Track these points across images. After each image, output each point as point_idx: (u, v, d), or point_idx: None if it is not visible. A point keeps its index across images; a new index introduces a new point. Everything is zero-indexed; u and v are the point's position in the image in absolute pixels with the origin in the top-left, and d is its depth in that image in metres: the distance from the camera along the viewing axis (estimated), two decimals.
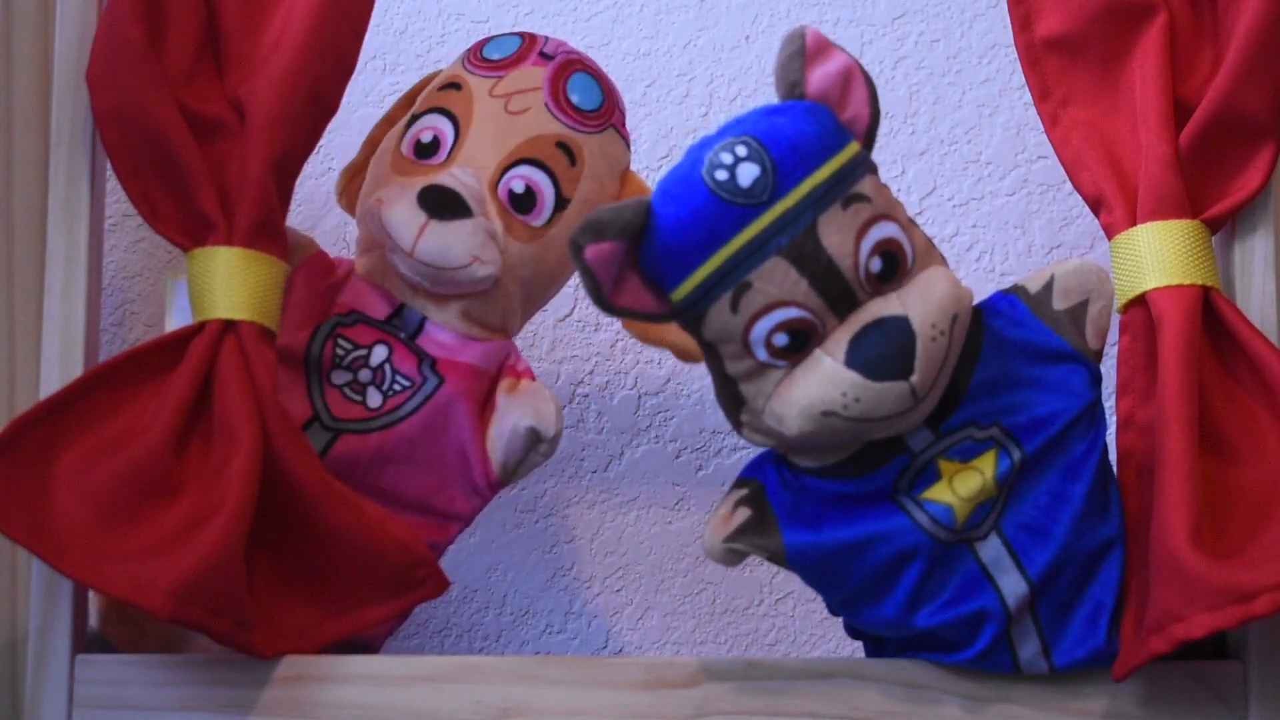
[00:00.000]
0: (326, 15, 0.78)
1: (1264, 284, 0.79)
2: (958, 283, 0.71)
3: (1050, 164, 0.99)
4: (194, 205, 0.76)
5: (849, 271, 0.69)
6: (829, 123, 0.71)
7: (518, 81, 0.82)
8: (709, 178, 0.69)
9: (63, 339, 0.77)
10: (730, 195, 0.69)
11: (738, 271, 0.69)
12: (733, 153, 0.69)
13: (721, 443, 0.98)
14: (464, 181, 0.79)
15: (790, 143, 0.69)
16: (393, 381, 0.80)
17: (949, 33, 1.03)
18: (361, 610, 0.77)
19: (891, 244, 0.70)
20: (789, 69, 0.71)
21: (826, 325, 0.69)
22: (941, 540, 0.72)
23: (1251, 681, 0.75)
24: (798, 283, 0.69)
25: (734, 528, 0.73)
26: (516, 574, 0.98)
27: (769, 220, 0.69)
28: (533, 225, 0.80)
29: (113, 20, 0.76)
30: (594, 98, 0.82)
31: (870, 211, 0.70)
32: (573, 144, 0.81)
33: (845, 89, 0.72)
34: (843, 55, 0.72)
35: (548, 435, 0.79)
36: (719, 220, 0.69)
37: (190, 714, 0.74)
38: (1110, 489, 0.74)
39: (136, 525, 0.72)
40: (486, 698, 0.75)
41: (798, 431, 0.70)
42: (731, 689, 0.75)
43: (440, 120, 0.81)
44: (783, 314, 0.69)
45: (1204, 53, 0.80)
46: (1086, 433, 0.73)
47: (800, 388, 0.69)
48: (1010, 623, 0.73)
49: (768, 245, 0.69)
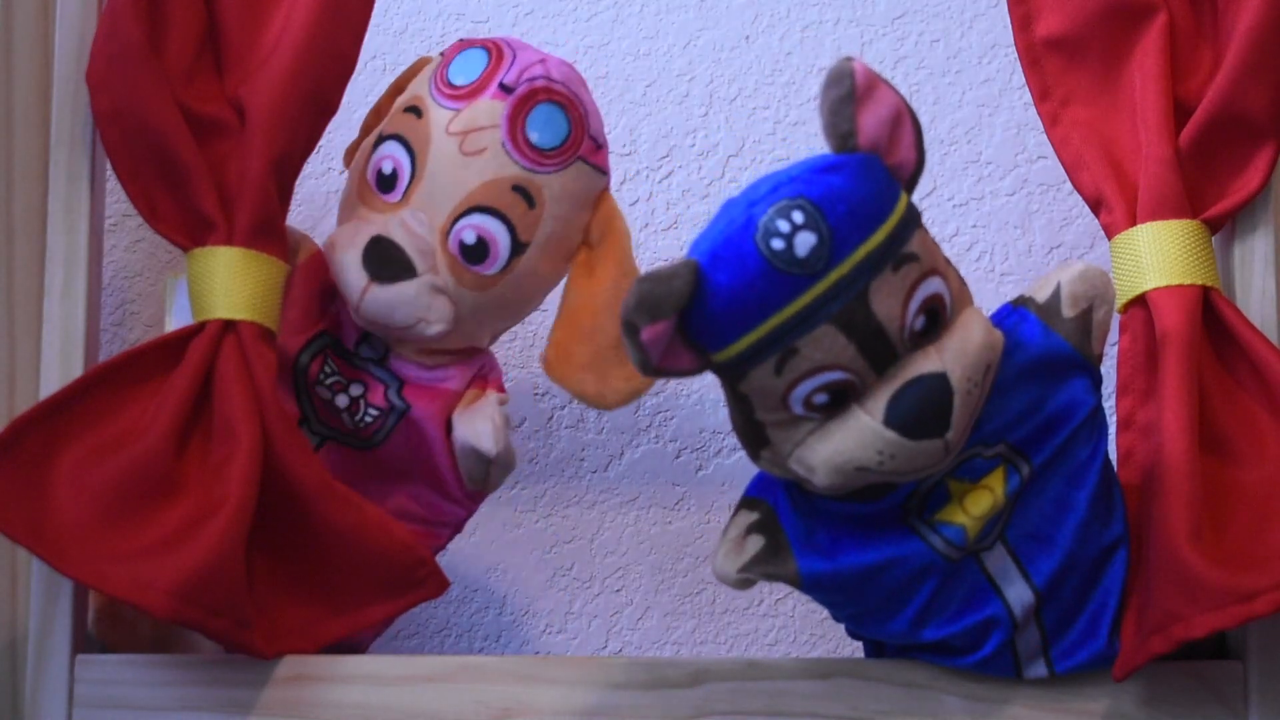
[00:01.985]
0: (326, 15, 0.78)
1: (1264, 284, 0.79)
2: (990, 327, 0.70)
3: (1050, 164, 0.99)
4: (194, 205, 0.76)
5: (895, 334, 0.67)
6: (882, 179, 0.68)
7: (474, 118, 0.78)
8: (764, 245, 0.66)
9: (63, 339, 0.77)
10: (785, 265, 0.66)
11: (786, 338, 0.67)
12: (789, 220, 0.66)
13: (721, 443, 0.98)
14: (415, 232, 0.77)
15: (847, 208, 0.66)
16: (365, 413, 0.79)
17: (949, 33, 1.03)
18: (361, 610, 0.77)
19: (936, 300, 0.68)
20: (840, 117, 0.68)
21: (866, 382, 0.67)
22: (953, 560, 0.72)
23: (1251, 681, 0.75)
24: (845, 348, 0.67)
25: (749, 558, 0.72)
26: (516, 574, 0.98)
27: (822, 289, 0.66)
28: (485, 274, 0.78)
29: (113, 20, 0.76)
30: (556, 133, 0.78)
31: (919, 271, 0.68)
32: (530, 186, 0.77)
33: (895, 134, 0.68)
34: (891, 95, 0.68)
35: (489, 454, 0.77)
36: (772, 290, 0.66)
37: (190, 714, 0.74)
38: (1114, 492, 0.74)
39: (136, 525, 0.72)
40: (486, 698, 0.75)
41: (827, 484, 0.69)
42: (731, 689, 0.75)
43: (399, 151, 0.79)
44: (826, 377, 0.67)
45: (1204, 53, 0.80)
46: (1090, 438, 0.73)
47: (835, 444, 0.68)
48: (1016, 630, 0.73)
49: (819, 314, 0.66)
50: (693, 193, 1.01)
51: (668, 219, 1.00)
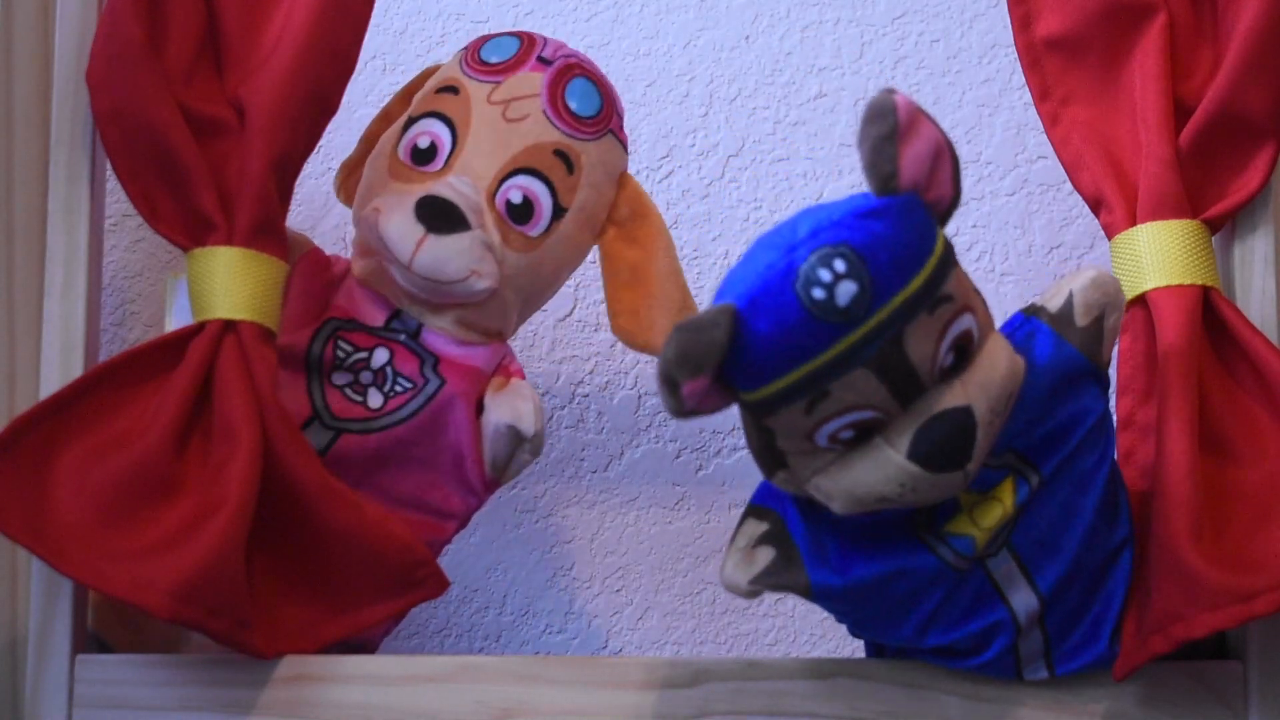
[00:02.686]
0: (326, 15, 0.78)
1: (1264, 284, 0.79)
2: (1013, 355, 0.69)
3: (1050, 164, 0.99)
4: (194, 205, 0.76)
5: (926, 373, 0.66)
6: (923, 222, 0.67)
7: (516, 87, 0.81)
8: (804, 295, 0.64)
9: (63, 339, 0.77)
10: (825, 315, 0.65)
11: (820, 382, 0.66)
12: (831, 270, 0.64)
13: (721, 443, 0.98)
14: (461, 192, 0.78)
15: (889, 256, 0.65)
16: (394, 383, 0.79)
17: (949, 33, 1.03)
18: (361, 610, 0.77)
19: (966, 337, 0.67)
20: (882, 157, 0.66)
21: (891, 415, 0.67)
22: (961, 570, 0.72)
23: (1251, 681, 0.75)
24: (877, 390, 0.66)
25: (760, 570, 0.72)
26: (516, 574, 0.98)
27: (859, 336, 0.65)
28: (530, 235, 0.79)
29: (113, 20, 0.76)
30: (592, 104, 0.82)
31: (953, 310, 0.67)
32: (571, 152, 0.80)
33: (934, 170, 0.67)
34: (932, 130, 0.66)
35: (527, 434, 0.78)
36: (810, 338, 0.65)
37: (190, 714, 0.74)
38: (1120, 495, 0.74)
39: (136, 525, 0.72)
40: (486, 698, 0.75)
41: (845, 511, 0.68)
42: (731, 689, 0.75)
43: (437, 125, 0.81)
44: (856, 416, 0.66)
45: (1204, 53, 0.80)
46: (1097, 444, 0.72)
47: (856, 475, 0.67)
48: (1020, 636, 0.73)
49: (855, 359, 0.65)
50: (693, 193, 1.01)
51: (668, 219, 1.00)
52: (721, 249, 1.00)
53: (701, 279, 1.00)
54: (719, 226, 1.01)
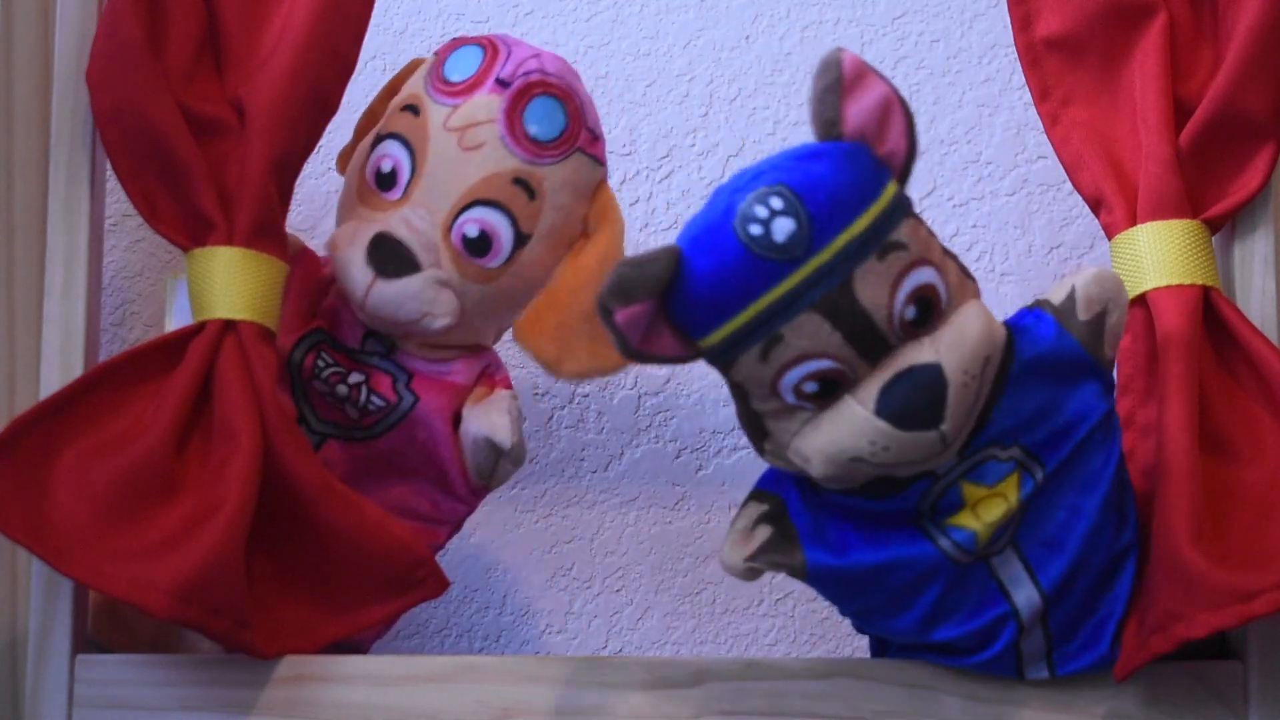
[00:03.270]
0: (326, 15, 0.78)
1: (1264, 284, 0.79)
2: (990, 319, 0.69)
3: (1050, 164, 0.99)
4: (194, 205, 0.76)
5: (883, 322, 0.67)
6: (868, 166, 0.68)
7: (472, 113, 0.78)
8: (742, 231, 0.66)
9: (63, 339, 0.77)
10: (764, 251, 0.66)
11: (769, 325, 0.67)
12: (767, 205, 0.66)
13: (721, 443, 0.98)
14: (416, 228, 0.77)
15: (827, 194, 0.66)
16: (368, 401, 0.80)
17: (949, 33, 1.03)
18: (361, 610, 0.77)
19: (927, 290, 0.68)
20: (825, 105, 0.68)
21: (857, 372, 0.67)
22: (962, 563, 0.72)
23: (1251, 681, 0.75)
24: (830, 336, 0.67)
25: (756, 546, 0.72)
26: (516, 574, 0.97)
27: (803, 276, 0.66)
28: (489, 268, 0.78)
29: (113, 20, 0.76)
30: (554, 125, 0.79)
31: (906, 259, 0.67)
32: (531, 179, 0.78)
33: (883, 122, 0.68)
34: (881, 84, 0.68)
35: (504, 446, 0.77)
36: (752, 275, 0.66)
37: (190, 714, 0.74)
38: (1126, 498, 0.73)
39: (136, 525, 0.72)
40: (486, 698, 0.75)
41: (823, 474, 0.69)
42: (731, 689, 0.75)
43: (398, 150, 0.79)
44: (814, 365, 0.67)
45: (1204, 53, 0.80)
46: (1103, 445, 0.72)
47: (828, 433, 0.68)
48: (1022, 634, 0.73)
49: (801, 300, 0.66)
50: (693, 193, 1.01)
51: (668, 219, 1.00)
52: None
53: None
54: None
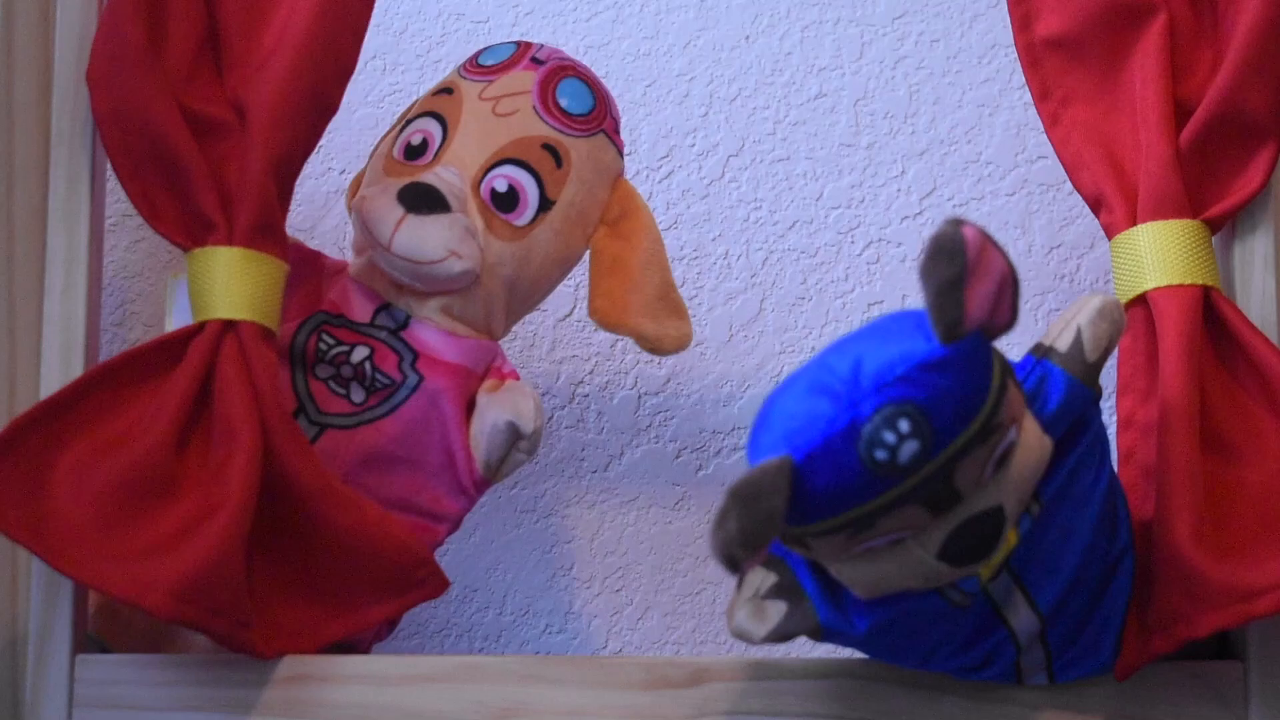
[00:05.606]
0: (326, 15, 0.78)
1: (1264, 284, 0.79)
2: (1042, 438, 0.67)
3: (1050, 164, 0.99)
4: (194, 205, 0.76)
5: (967, 490, 0.65)
6: (986, 364, 0.64)
7: (507, 85, 0.82)
8: (867, 455, 0.62)
9: (63, 339, 0.77)
10: (887, 473, 0.62)
11: (869, 519, 0.64)
12: (896, 431, 0.62)
13: (721, 443, 0.98)
14: (446, 179, 0.79)
15: (953, 409, 0.62)
16: (373, 379, 0.80)
17: (949, 33, 1.03)
18: (361, 610, 0.77)
19: (1008, 450, 0.65)
20: (949, 303, 0.61)
21: (925, 525, 0.65)
22: (965, 606, 0.71)
23: (1251, 681, 0.75)
24: (921, 515, 0.64)
25: (773, 626, 0.70)
26: (516, 574, 0.98)
27: (915, 482, 0.63)
28: (515, 224, 0.80)
29: (113, 20, 0.76)
30: (584, 103, 0.83)
31: (1002, 433, 0.65)
32: (560, 146, 0.81)
33: (999, 303, 0.63)
34: (999, 261, 0.62)
35: (526, 431, 0.79)
36: (867, 489, 0.63)
37: (190, 714, 0.74)
38: (1118, 506, 0.73)
39: (136, 525, 0.72)
40: (486, 698, 0.75)
41: (864, 597, 0.68)
42: (731, 689, 0.75)
43: (429, 123, 0.82)
44: (896, 536, 0.65)
45: (1204, 53, 0.80)
46: (1093, 462, 0.71)
47: (881, 570, 0.66)
48: (1021, 653, 0.73)
49: (906, 500, 0.63)
50: (693, 193, 1.01)
51: (668, 219, 1.00)
52: (721, 249, 1.00)
53: (701, 278, 1.00)
54: (719, 226, 1.01)
